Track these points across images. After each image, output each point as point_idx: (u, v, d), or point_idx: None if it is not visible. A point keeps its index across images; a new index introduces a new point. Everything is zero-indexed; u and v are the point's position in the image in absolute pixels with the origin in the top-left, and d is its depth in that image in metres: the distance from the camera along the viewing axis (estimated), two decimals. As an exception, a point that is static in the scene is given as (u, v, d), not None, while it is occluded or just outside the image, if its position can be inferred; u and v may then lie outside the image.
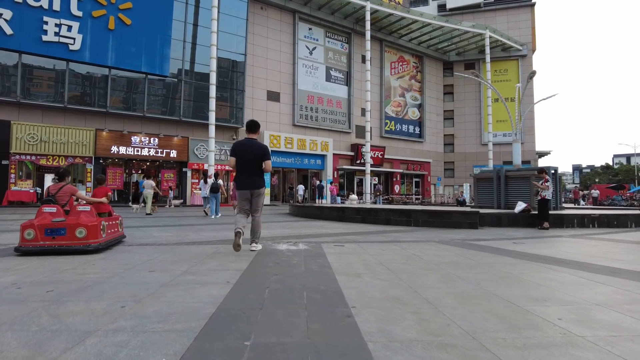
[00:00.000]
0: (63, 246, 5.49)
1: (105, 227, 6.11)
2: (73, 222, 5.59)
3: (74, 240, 5.54)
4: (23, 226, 5.51)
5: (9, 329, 2.45)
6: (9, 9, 19.87)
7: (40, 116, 21.47)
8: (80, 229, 5.56)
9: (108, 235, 6.19)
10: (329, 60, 32.58)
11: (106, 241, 6.02)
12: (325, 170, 31.05)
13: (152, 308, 2.90)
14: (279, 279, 3.97)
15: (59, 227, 5.53)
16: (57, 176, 6.53)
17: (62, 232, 5.52)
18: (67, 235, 5.52)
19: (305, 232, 9.10)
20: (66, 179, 6.50)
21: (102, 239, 5.87)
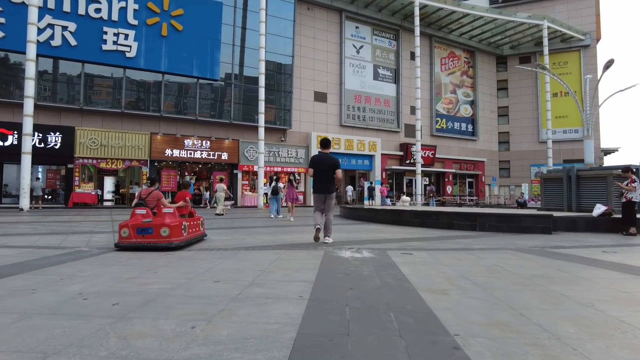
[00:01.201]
0: (151, 243, 6.27)
1: (187, 227, 6.82)
2: (158, 223, 6.40)
3: (159, 238, 6.31)
4: (120, 225, 6.36)
5: (77, 352, 2.21)
6: (73, 21, 20.97)
7: (101, 122, 22.50)
8: (164, 229, 6.34)
9: (189, 235, 6.86)
10: (376, 58, 31.93)
11: (187, 239, 6.71)
12: (374, 171, 30.41)
13: (226, 330, 2.58)
14: (356, 294, 3.56)
15: (147, 227, 6.34)
16: (149, 181, 7.51)
17: (150, 231, 6.33)
18: (153, 234, 6.32)
19: (364, 237, 8.66)
20: (156, 185, 7.36)
21: (183, 237, 6.59)
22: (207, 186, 26.06)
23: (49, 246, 6.58)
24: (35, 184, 18.64)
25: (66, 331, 2.55)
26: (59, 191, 22.16)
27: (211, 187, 25.89)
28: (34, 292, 3.58)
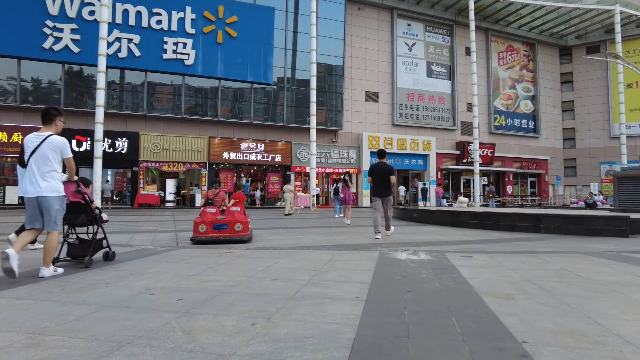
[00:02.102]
0: (226, 237, 7.21)
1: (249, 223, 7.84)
2: (233, 219, 7.36)
3: (233, 233, 7.28)
4: (197, 222, 7.25)
5: (147, 344, 2.33)
6: (137, 34, 22.39)
7: (162, 127, 23.81)
8: (238, 224, 7.37)
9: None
10: (429, 55, 31.15)
11: (250, 234, 7.61)
12: (428, 171, 29.66)
13: (285, 328, 2.61)
14: (414, 297, 3.46)
15: (223, 223, 7.28)
16: (215, 184, 8.71)
17: (225, 226, 7.29)
18: (228, 229, 7.27)
19: (420, 238, 8.44)
20: (216, 186, 8.55)
21: (249, 232, 7.51)
22: (261, 187, 26.74)
23: (118, 244, 7.03)
24: (105, 186, 20.11)
25: (136, 323, 2.70)
26: (126, 193, 23.71)
27: (266, 188, 26.57)
28: (107, 286, 3.84)
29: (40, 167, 4.22)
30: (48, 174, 4.23)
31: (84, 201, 4.97)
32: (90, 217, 5.10)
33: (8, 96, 21.25)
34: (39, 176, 4.20)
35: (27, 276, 4.32)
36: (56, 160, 4.30)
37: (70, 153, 4.46)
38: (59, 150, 4.31)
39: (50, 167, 4.25)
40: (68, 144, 4.46)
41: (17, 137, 20.82)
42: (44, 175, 4.22)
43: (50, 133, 4.36)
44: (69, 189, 4.78)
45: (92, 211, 5.08)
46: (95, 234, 5.19)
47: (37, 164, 4.22)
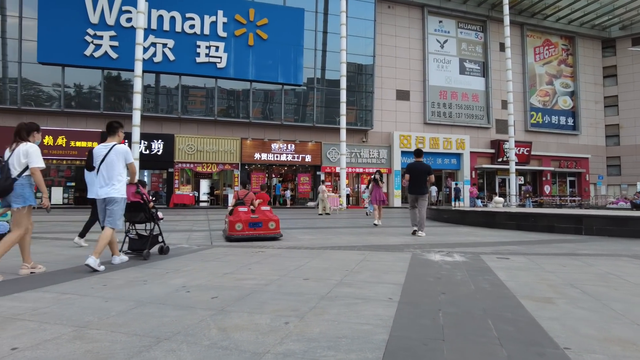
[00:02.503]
0: (261, 235, 7.63)
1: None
2: (266, 218, 7.76)
3: (267, 231, 7.71)
4: (233, 221, 7.55)
5: (184, 340, 2.39)
6: (171, 38, 23.07)
7: (196, 129, 24.41)
8: (271, 223, 7.80)
9: None
10: (462, 52, 30.46)
11: (280, 233, 7.99)
12: (462, 170, 29.00)
13: (318, 327, 2.62)
14: (449, 299, 3.39)
15: (258, 221, 7.66)
16: (242, 185, 8.95)
17: (259, 224, 7.67)
18: (262, 227, 7.67)
19: (453, 239, 8.26)
20: (247, 187, 8.74)
21: (280, 230, 7.95)
22: (292, 187, 26.94)
23: (156, 243, 7.27)
24: None
25: (173, 320, 2.78)
26: (162, 193, 24.46)
27: (296, 188, 26.75)
28: (145, 284, 3.97)
29: (109, 172, 4.88)
30: (115, 178, 4.89)
31: (142, 201, 5.62)
32: (147, 215, 5.72)
33: (53, 102, 22.39)
34: (108, 180, 4.88)
35: (73, 272, 4.53)
36: (121, 165, 4.95)
37: (132, 158, 5.08)
38: (123, 157, 4.96)
39: (117, 172, 4.91)
40: (130, 151, 5.11)
41: (61, 141, 21.90)
42: (112, 179, 4.88)
43: (115, 143, 5.01)
44: (130, 190, 5.43)
45: (150, 210, 5.70)
46: (152, 230, 5.77)
47: (106, 170, 4.88)
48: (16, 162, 4.31)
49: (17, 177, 4.29)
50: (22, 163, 4.31)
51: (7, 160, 4.34)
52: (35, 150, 4.37)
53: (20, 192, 4.30)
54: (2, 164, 4.31)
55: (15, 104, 21.49)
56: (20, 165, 4.31)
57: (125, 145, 5.09)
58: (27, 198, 4.36)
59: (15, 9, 21.65)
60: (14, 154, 4.34)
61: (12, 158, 4.34)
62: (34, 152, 4.35)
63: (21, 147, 4.35)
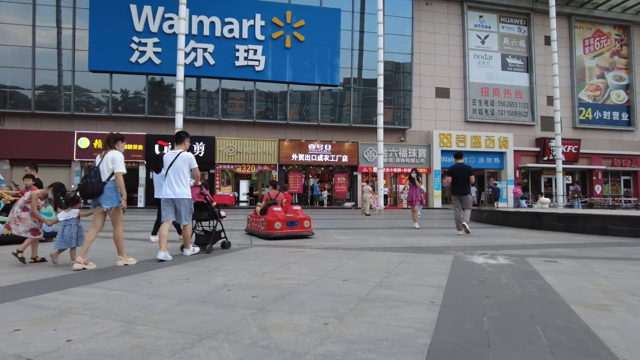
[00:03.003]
0: (297, 233, 8.07)
1: None
2: (301, 217, 8.24)
3: (302, 229, 8.16)
4: (271, 220, 7.93)
5: (225, 338, 2.43)
6: (211, 43, 23.71)
7: (236, 131, 24.96)
8: (306, 221, 8.28)
9: None
10: (504, 47, 29.37)
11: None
12: (505, 170, 27.96)
13: (358, 329, 2.58)
14: (494, 303, 3.26)
15: (294, 220, 8.07)
16: (272, 185, 9.25)
17: (295, 223, 8.09)
18: (298, 226, 8.11)
19: (498, 241, 7.97)
20: (277, 187, 9.10)
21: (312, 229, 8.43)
22: (328, 188, 26.97)
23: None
24: None
25: (215, 318, 2.83)
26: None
27: (333, 189, 26.75)
28: (188, 282, 4.08)
29: (175, 176, 5.61)
30: (180, 181, 5.61)
31: (206, 201, 6.33)
32: (211, 214, 6.46)
33: (102, 107, 23.59)
34: (175, 183, 5.59)
35: (121, 268, 4.74)
36: (186, 170, 5.65)
37: (196, 164, 5.77)
38: (187, 163, 5.67)
39: (182, 176, 5.63)
40: (194, 158, 5.78)
41: (110, 144, 23.00)
42: (178, 183, 5.59)
43: (181, 150, 5.75)
44: (195, 191, 6.13)
45: (213, 209, 6.42)
46: (215, 227, 6.49)
47: (173, 174, 5.61)
48: (105, 168, 4.88)
49: (106, 181, 4.84)
50: (109, 168, 4.86)
51: (98, 166, 4.91)
52: (119, 157, 4.92)
53: (109, 194, 4.85)
54: (94, 169, 4.87)
55: (69, 109, 22.79)
56: (109, 171, 4.86)
57: (190, 153, 5.78)
58: (114, 200, 4.90)
59: (69, 21, 22.99)
60: (104, 160, 4.91)
61: (102, 164, 4.91)
62: (119, 159, 4.90)
63: (109, 155, 4.91)
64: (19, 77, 22.53)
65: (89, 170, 4.87)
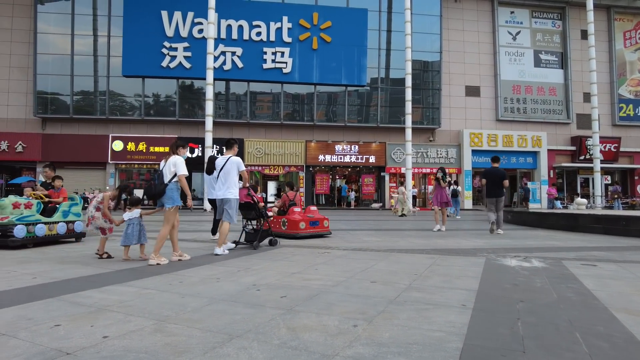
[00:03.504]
0: (319, 232, 8.36)
1: None
2: (321, 217, 8.55)
3: (322, 229, 8.45)
4: (297, 220, 8.19)
5: (255, 338, 2.45)
6: (240, 46, 24.09)
7: (264, 133, 25.24)
8: (325, 221, 8.61)
9: None
10: (537, 43, 28.43)
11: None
12: (538, 169, 27.05)
13: (387, 332, 2.55)
14: (528, 308, 3.15)
15: (315, 220, 8.33)
16: (289, 187, 9.33)
17: (317, 223, 8.36)
18: (319, 225, 8.37)
19: (531, 243, 7.71)
20: (294, 188, 9.24)
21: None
22: (355, 189, 26.84)
23: (227, 242, 7.59)
24: None
25: (244, 318, 2.86)
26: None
27: (360, 190, 26.61)
28: (218, 281, 4.14)
29: (225, 179, 6.16)
30: (229, 183, 6.15)
31: (253, 201, 6.85)
32: (258, 213, 6.97)
33: (135, 111, 24.35)
34: (224, 185, 6.15)
35: (153, 267, 4.87)
36: (234, 173, 6.19)
37: (244, 167, 6.33)
38: (236, 167, 6.21)
39: (231, 178, 6.17)
40: (242, 162, 6.35)
41: (142, 146, 23.73)
42: (227, 184, 6.14)
43: (231, 155, 6.34)
44: (243, 192, 6.66)
45: (260, 209, 6.92)
46: (262, 225, 7.01)
47: (224, 177, 6.18)
48: (168, 171, 5.36)
49: (168, 183, 5.29)
50: (171, 171, 5.33)
51: (162, 169, 5.44)
52: (181, 162, 5.40)
53: (170, 194, 5.30)
54: (158, 172, 5.40)
55: (104, 114, 23.66)
56: (170, 173, 5.33)
57: (239, 157, 6.37)
58: (175, 200, 5.36)
59: (104, 29, 23.88)
60: (167, 164, 5.41)
61: (165, 167, 5.40)
62: (181, 163, 5.37)
63: (171, 159, 5.40)
64: (59, 84, 23.57)
65: (154, 174, 5.33)
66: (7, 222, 6.53)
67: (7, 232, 6.47)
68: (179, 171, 5.31)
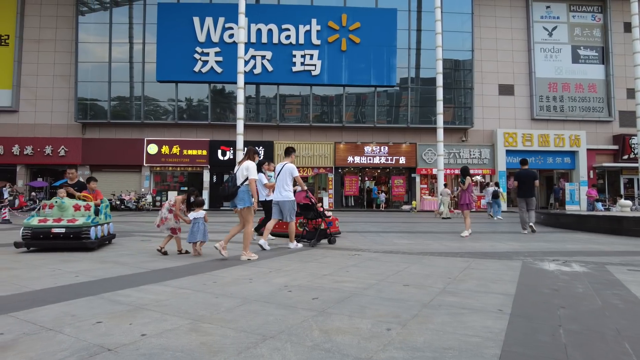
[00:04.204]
0: (334, 232, 8.10)
1: None
2: (335, 218, 8.46)
3: (336, 229, 8.40)
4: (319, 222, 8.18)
5: (288, 339, 2.45)
6: (269, 50, 24.37)
7: (293, 135, 25.40)
8: (337, 222, 8.48)
9: None
10: (575, 38, 27.30)
11: None
12: (577, 170, 25.94)
13: (422, 336, 2.50)
14: (570, 314, 3.01)
15: (331, 221, 8.10)
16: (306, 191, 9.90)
17: (331, 223, 8.12)
18: (333, 225, 8.19)
19: (571, 247, 7.40)
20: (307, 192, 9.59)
21: None
22: (385, 190, 26.57)
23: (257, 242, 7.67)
24: None
25: (277, 319, 2.87)
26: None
27: (390, 191, 26.33)
28: (251, 282, 4.19)
29: (281, 183, 7.02)
30: (284, 186, 7.01)
31: (310, 203, 7.52)
32: (315, 214, 7.55)
33: (169, 115, 25.07)
34: (281, 188, 7.01)
35: (190, 267, 4.98)
36: (289, 179, 7.04)
37: (297, 173, 7.15)
38: (290, 173, 7.06)
39: (286, 183, 7.00)
40: (295, 168, 7.17)
41: (175, 149, 24.38)
42: (283, 188, 7.01)
43: (287, 162, 7.20)
44: (301, 195, 7.52)
45: (317, 210, 7.51)
46: (320, 225, 7.53)
47: (280, 181, 7.05)
48: (240, 175, 5.86)
49: (240, 185, 5.80)
50: (244, 175, 5.83)
51: (235, 172, 5.95)
52: (253, 167, 5.89)
53: (242, 196, 5.81)
54: (232, 176, 5.90)
55: (140, 118, 24.49)
56: (243, 177, 5.83)
57: (292, 164, 7.10)
58: (246, 201, 5.85)
59: (139, 37, 24.74)
60: (240, 168, 5.92)
61: (238, 171, 5.92)
62: (252, 168, 5.86)
63: (245, 164, 5.90)
64: (97, 90, 24.58)
65: (229, 177, 5.91)
66: (82, 224, 6.49)
67: (82, 234, 6.45)
68: (250, 175, 5.79)
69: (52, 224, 6.42)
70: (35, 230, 6.34)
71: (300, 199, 7.37)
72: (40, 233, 6.34)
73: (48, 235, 6.36)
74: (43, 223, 6.41)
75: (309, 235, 7.50)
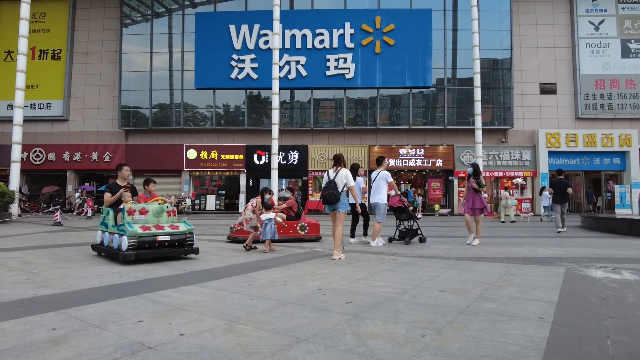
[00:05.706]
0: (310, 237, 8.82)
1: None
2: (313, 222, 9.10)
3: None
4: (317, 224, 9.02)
5: (321, 342, 2.46)
6: (303, 55, 24.61)
7: (327, 139, 25.49)
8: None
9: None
10: (624, 31, 25.84)
11: None
12: (628, 171, 24.48)
13: (457, 343, 2.44)
14: (620, 325, 2.85)
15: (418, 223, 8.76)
16: (289, 191, 10.65)
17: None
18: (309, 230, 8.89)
19: (621, 253, 7.00)
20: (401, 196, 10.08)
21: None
22: (421, 193, 26.11)
23: (292, 246, 7.74)
24: (281, 194, 22.53)
25: (311, 322, 2.89)
26: (298, 200, 26.05)
27: (426, 194, 25.85)
28: (285, 284, 4.24)
29: (375, 188, 8.08)
30: (378, 191, 8.04)
31: (404, 206, 8.34)
32: (408, 215, 8.36)
33: (207, 121, 25.81)
34: (375, 192, 8.08)
35: (227, 269, 5.10)
36: (383, 183, 8.06)
37: (391, 179, 8.11)
38: (384, 178, 8.07)
39: (380, 187, 8.05)
40: (390, 174, 8.14)
41: (214, 154, 25.05)
42: (377, 192, 8.04)
43: (381, 170, 8.22)
44: (395, 199, 8.37)
45: (410, 212, 8.34)
46: (412, 225, 8.36)
47: (375, 186, 8.09)
48: (339, 182, 6.37)
49: (341, 191, 6.33)
50: (342, 182, 6.37)
51: (333, 179, 6.39)
52: (349, 174, 6.46)
53: (343, 201, 6.39)
54: (333, 182, 6.36)
55: (179, 124, 25.37)
56: (342, 184, 6.36)
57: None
58: (346, 205, 6.45)
59: (178, 46, 25.68)
60: (338, 175, 6.40)
61: (337, 178, 6.39)
62: (350, 176, 6.47)
63: (342, 172, 6.42)
64: (139, 98, 25.69)
65: (328, 183, 6.39)
66: (185, 230, 6.10)
67: (187, 240, 6.07)
68: (349, 183, 6.38)
69: (156, 232, 5.82)
70: (141, 239, 5.65)
71: (394, 202, 8.25)
72: (145, 242, 5.68)
73: (153, 244, 5.77)
74: (148, 231, 5.77)
75: (403, 235, 8.39)
